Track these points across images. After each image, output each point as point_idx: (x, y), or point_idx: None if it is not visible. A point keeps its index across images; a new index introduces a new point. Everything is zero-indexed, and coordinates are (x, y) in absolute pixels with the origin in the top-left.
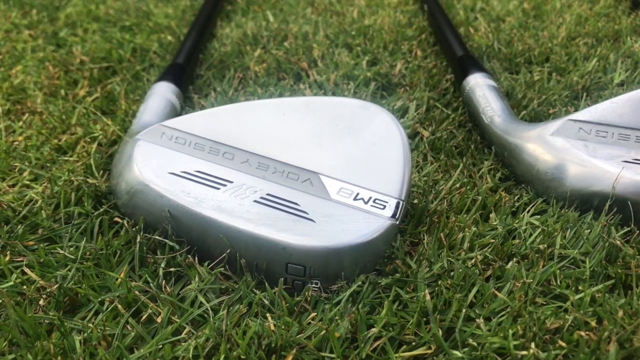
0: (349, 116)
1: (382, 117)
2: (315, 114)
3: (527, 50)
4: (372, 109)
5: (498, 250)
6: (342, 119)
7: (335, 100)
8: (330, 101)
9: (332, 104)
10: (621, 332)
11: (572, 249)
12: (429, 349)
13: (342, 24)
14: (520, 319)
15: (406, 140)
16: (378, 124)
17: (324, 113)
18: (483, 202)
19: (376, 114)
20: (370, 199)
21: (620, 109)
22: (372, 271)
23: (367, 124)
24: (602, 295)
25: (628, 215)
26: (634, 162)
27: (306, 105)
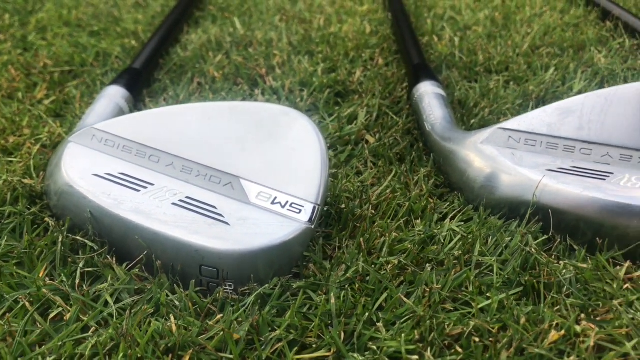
0: (270, 122)
1: (301, 123)
2: (239, 118)
3: (487, 60)
4: (292, 115)
5: (415, 256)
6: (264, 124)
7: (258, 105)
8: (254, 107)
9: (255, 110)
10: (522, 338)
11: (490, 256)
12: (328, 351)
13: (308, 31)
14: (422, 324)
15: (324, 146)
16: (298, 129)
17: (247, 118)
18: (410, 208)
19: (296, 119)
20: (287, 203)
21: (549, 118)
22: (288, 274)
23: (288, 129)
24: (509, 302)
25: (555, 223)
26: (559, 170)
27: (231, 110)
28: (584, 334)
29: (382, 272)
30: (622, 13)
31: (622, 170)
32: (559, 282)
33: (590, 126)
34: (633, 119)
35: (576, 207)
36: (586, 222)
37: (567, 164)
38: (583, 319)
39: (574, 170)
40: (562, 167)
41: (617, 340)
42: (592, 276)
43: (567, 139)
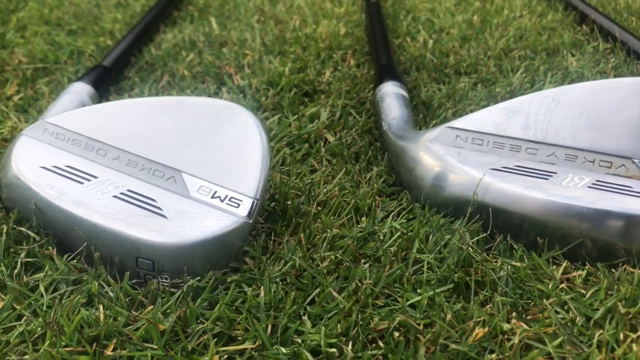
0: (213, 116)
1: (244, 118)
2: (184, 113)
3: (458, 62)
4: (235, 110)
5: (353, 252)
6: (207, 119)
7: (202, 100)
8: (198, 101)
9: (199, 104)
10: (447, 335)
11: (429, 253)
12: (253, 343)
13: (283, 32)
14: (347, 319)
15: (266, 142)
16: (240, 124)
17: (192, 112)
18: (356, 205)
19: (239, 114)
20: (227, 197)
21: (496, 118)
22: (226, 268)
23: (230, 124)
24: (440, 299)
25: (499, 222)
26: (503, 169)
27: (177, 104)
28: (511, 332)
29: (319, 267)
30: (598, 17)
31: (566, 170)
32: (493, 280)
33: (537, 126)
34: (579, 119)
35: (517, 206)
36: (528, 221)
37: (512, 163)
38: (514, 317)
39: (518, 169)
40: (506, 166)
41: (543, 339)
42: (528, 275)
43: (514, 139)
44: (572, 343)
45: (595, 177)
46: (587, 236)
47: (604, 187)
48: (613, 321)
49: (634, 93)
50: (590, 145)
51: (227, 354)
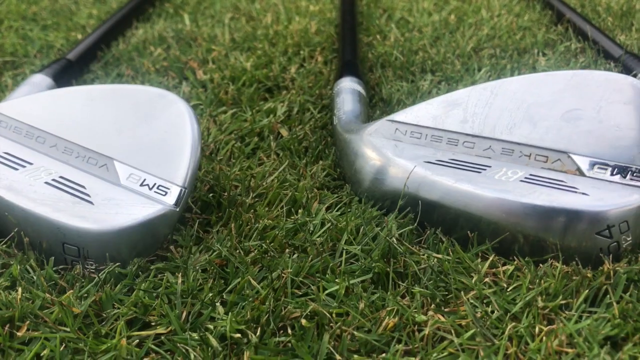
0: (147, 104)
1: (177, 106)
2: (119, 101)
3: (424, 60)
4: (169, 98)
5: (281, 243)
6: (141, 107)
7: (137, 88)
8: (133, 89)
9: (134, 92)
10: (359, 324)
11: (357, 245)
12: (166, 329)
13: (255, 29)
14: (260, 306)
15: (197, 131)
16: (172, 113)
17: (127, 100)
18: (293, 197)
19: (172, 103)
20: (155, 185)
21: (435, 111)
22: (152, 255)
23: (163, 112)
24: (358, 289)
25: (433, 215)
26: (437, 163)
27: (112, 92)
28: (425, 324)
29: (246, 257)
30: (573, 16)
31: (501, 163)
32: (415, 272)
33: (474, 119)
34: (516, 112)
35: (448, 199)
36: (460, 215)
37: (447, 156)
38: (432, 309)
39: (452, 162)
40: (441, 160)
41: (458, 331)
42: (452, 268)
43: (451, 132)
44: (483, 335)
45: (529, 171)
46: (517, 230)
47: (536, 181)
48: (530, 315)
49: (571, 86)
50: (526, 139)
51: (138, 339)
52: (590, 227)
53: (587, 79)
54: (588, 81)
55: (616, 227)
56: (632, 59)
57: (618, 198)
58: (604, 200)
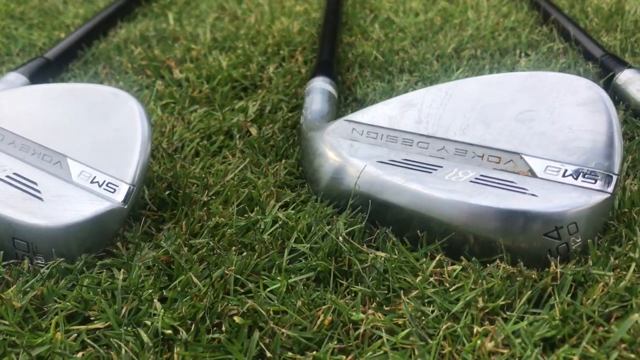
0: (101, 103)
1: (129, 105)
2: (76, 100)
3: (403, 60)
4: (121, 97)
5: (230, 240)
6: (96, 106)
7: (93, 87)
8: (88, 88)
9: (89, 91)
10: (295, 321)
11: (306, 243)
12: (104, 323)
13: (238, 28)
14: (198, 303)
15: (147, 130)
16: (124, 112)
17: (83, 99)
18: (250, 195)
19: (125, 102)
20: (104, 183)
21: (391, 111)
22: (101, 251)
23: (116, 111)
24: (300, 287)
25: (387, 215)
26: (390, 162)
27: (70, 91)
28: (362, 322)
29: (193, 254)
30: (559, 17)
31: (453, 164)
32: (358, 271)
33: (429, 120)
34: (471, 113)
35: (398, 199)
36: (410, 214)
37: (400, 156)
38: (373, 308)
39: (405, 162)
40: (394, 159)
41: (394, 330)
42: (398, 267)
43: (406, 132)
44: (418, 334)
45: (480, 171)
46: (466, 231)
47: (486, 182)
48: (469, 315)
49: (526, 87)
50: (479, 139)
51: (76, 333)
52: (538, 228)
53: (542, 80)
54: (543, 82)
55: (564, 229)
56: (611, 59)
57: (567, 199)
58: (553, 202)
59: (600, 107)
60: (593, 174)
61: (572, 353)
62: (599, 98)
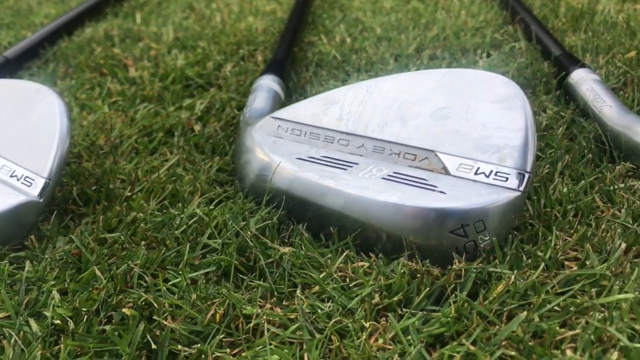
0: (25, 98)
1: (49, 101)
2: (1, 95)
3: (360, 59)
4: (43, 92)
5: (144, 235)
6: (19, 101)
7: (15, 82)
8: (14, 83)
9: (15, 86)
10: (189, 315)
11: (220, 239)
12: (5, 314)
13: (203, 28)
14: (95, 295)
15: (65, 125)
16: (45, 107)
17: (7, 94)
18: (175, 191)
19: (45, 97)
20: (22, 176)
21: (315, 108)
22: (19, 244)
23: (37, 106)
24: (201, 281)
25: (306, 211)
26: (308, 159)
27: (0, 87)
28: (254, 316)
29: (103, 248)
30: (526, 16)
31: (369, 161)
32: (262, 267)
33: (349, 117)
34: (389, 110)
35: (312, 195)
36: (325, 210)
37: (320, 153)
38: (272, 303)
39: (324, 159)
40: (313, 156)
41: (287, 325)
42: (303, 263)
43: (328, 130)
44: (307, 329)
45: (394, 168)
46: (377, 228)
47: (397, 179)
48: (362, 310)
49: (443, 85)
50: (396, 137)
51: None
52: (444, 225)
53: (459, 77)
54: (459, 80)
55: (471, 226)
56: (567, 59)
57: (475, 197)
58: (460, 199)
59: (515, 104)
60: (505, 172)
61: (456, 351)
62: (515, 95)
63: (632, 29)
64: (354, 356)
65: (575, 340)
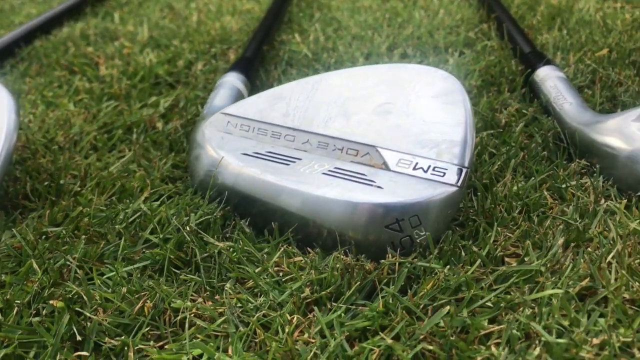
0: None
1: None
2: None
3: (330, 58)
4: None
5: (86, 230)
6: None
7: None
8: None
9: None
10: (120, 308)
11: (162, 234)
12: None
13: (180, 27)
14: (28, 288)
15: (13, 121)
16: None
17: None
18: (122, 187)
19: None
20: None
21: (262, 104)
22: None
23: None
24: (136, 275)
25: (252, 206)
26: (253, 155)
27: None
28: (183, 309)
29: (45, 242)
30: (501, 14)
31: (313, 157)
32: (197, 261)
33: (295, 113)
34: (333, 106)
35: (255, 191)
36: (268, 206)
37: (266, 149)
38: (204, 297)
39: (268, 155)
40: (258, 152)
41: (215, 318)
42: (241, 258)
43: (275, 125)
44: (232, 322)
45: (335, 164)
46: (317, 223)
47: (337, 174)
48: (291, 304)
49: (386, 80)
50: (340, 132)
51: None
52: (379, 220)
53: (402, 72)
54: (402, 75)
55: (406, 221)
56: (534, 56)
57: (410, 192)
58: (395, 194)
59: (454, 99)
60: (442, 167)
61: (377, 345)
62: (454, 90)
63: (608, 27)
64: (275, 349)
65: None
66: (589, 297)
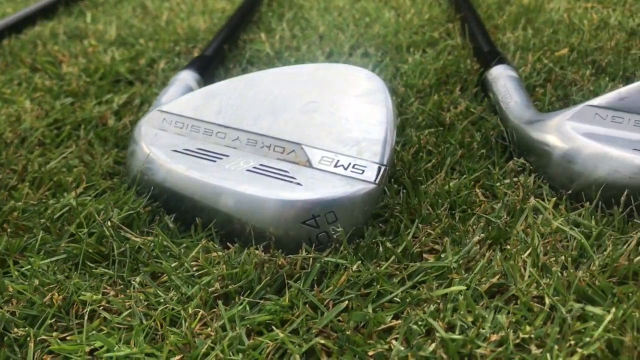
0: None
1: None
2: None
3: (292, 56)
4: None
5: (18, 223)
6: None
7: None
8: None
9: None
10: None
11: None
12: None
13: (149, 25)
14: None
15: None
16: None
17: None
18: (59, 182)
19: None
20: None
21: (197, 101)
22: None
23: None
24: (54, 268)
25: (181, 203)
26: (183, 151)
27: None
28: (90, 302)
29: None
30: (467, 13)
31: (240, 153)
32: (114, 255)
33: (227, 110)
34: (263, 104)
35: (180, 187)
36: (193, 202)
37: (196, 145)
38: (117, 290)
39: (198, 152)
40: (188, 149)
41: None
42: (159, 252)
43: (207, 122)
44: (136, 315)
45: (262, 161)
46: (239, 219)
47: (260, 171)
48: (199, 298)
49: (314, 79)
50: (268, 130)
51: None
52: (296, 216)
53: (329, 71)
54: (329, 74)
55: (322, 217)
56: (490, 55)
57: (327, 189)
58: (312, 191)
59: (376, 98)
60: (362, 164)
61: (274, 339)
62: (377, 89)
63: (573, 27)
64: (173, 341)
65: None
66: (500, 294)
